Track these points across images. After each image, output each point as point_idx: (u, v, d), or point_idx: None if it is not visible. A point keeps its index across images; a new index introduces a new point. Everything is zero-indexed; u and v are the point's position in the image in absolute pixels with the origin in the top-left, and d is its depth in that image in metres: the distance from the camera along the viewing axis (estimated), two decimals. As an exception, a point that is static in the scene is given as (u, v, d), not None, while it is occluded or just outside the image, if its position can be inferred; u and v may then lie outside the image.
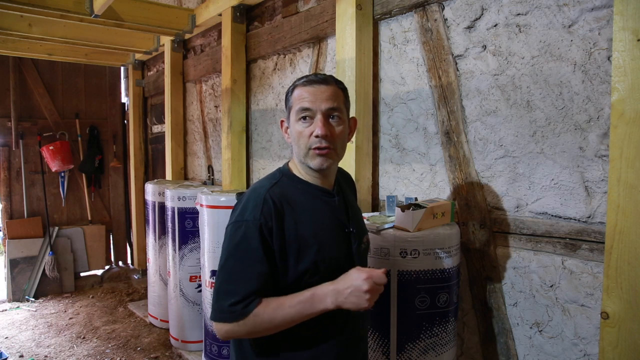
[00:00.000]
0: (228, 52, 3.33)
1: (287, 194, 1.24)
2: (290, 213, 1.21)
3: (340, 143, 1.26)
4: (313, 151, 1.22)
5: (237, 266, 1.17)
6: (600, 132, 1.59)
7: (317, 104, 1.21)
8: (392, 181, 2.36)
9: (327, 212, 1.29)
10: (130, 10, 3.51)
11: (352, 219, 1.35)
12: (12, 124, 5.14)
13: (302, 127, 1.22)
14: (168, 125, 4.43)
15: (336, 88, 1.26)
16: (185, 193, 3.41)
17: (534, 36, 1.75)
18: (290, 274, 1.20)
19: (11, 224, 5.12)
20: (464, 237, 2.00)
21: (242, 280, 1.16)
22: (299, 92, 1.24)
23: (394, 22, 2.29)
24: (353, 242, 1.32)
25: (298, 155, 1.26)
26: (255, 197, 1.22)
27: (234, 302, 1.15)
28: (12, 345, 3.79)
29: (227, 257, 1.19)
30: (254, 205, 1.19)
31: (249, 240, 1.16)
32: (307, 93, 1.22)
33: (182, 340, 3.55)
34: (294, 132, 1.25)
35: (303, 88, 1.23)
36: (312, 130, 1.21)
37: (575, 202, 1.67)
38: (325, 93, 1.22)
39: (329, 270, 1.22)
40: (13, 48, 4.48)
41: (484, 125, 1.94)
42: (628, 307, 1.36)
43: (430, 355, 1.74)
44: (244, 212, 1.20)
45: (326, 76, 1.27)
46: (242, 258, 1.17)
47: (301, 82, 1.25)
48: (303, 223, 1.22)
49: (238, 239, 1.18)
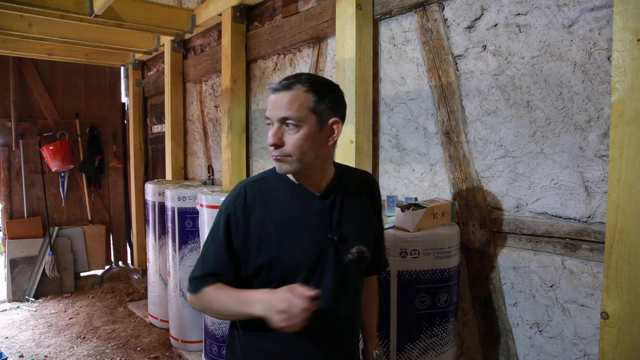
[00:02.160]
0: (228, 52, 3.33)
1: (268, 191, 1.29)
2: (261, 208, 1.26)
3: (297, 150, 1.19)
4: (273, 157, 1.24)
5: (207, 247, 1.30)
6: (600, 132, 1.59)
7: (274, 112, 1.19)
8: (392, 181, 2.36)
9: (305, 215, 1.26)
10: (130, 10, 3.51)
11: (344, 226, 1.28)
12: (12, 124, 5.14)
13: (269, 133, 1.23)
14: (168, 125, 4.43)
15: (299, 92, 1.18)
16: (185, 193, 3.41)
17: (534, 36, 1.75)
18: (249, 266, 1.26)
19: (11, 224, 5.12)
20: (464, 237, 2.00)
21: (206, 261, 1.29)
22: (271, 99, 1.23)
23: (394, 22, 2.29)
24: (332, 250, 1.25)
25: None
26: (234, 189, 1.32)
27: (195, 276, 1.28)
28: (12, 345, 3.79)
29: (206, 239, 1.33)
30: (230, 197, 1.30)
31: (218, 227, 1.28)
32: (271, 101, 1.22)
33: (182, 340, 3.55)
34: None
35: (270, 95, 1.23)
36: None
37: (575, 202, 1.67)
38: (283, 101, 1.18)
39: (286, 274, 1.22)
40: (13, 48, 4.48)
41: (484, 125, 1.94)
42: (628, 307, 1.36)
43: (430, 355, 1.74)
44: (224, 202, 1.31)
45: (292, 81, 1.20)
46: (211, 242, 1.29)
47: (270, 88, 1.23)
48: (271, 220, 1.24)
49: (213, 225, 1.31)
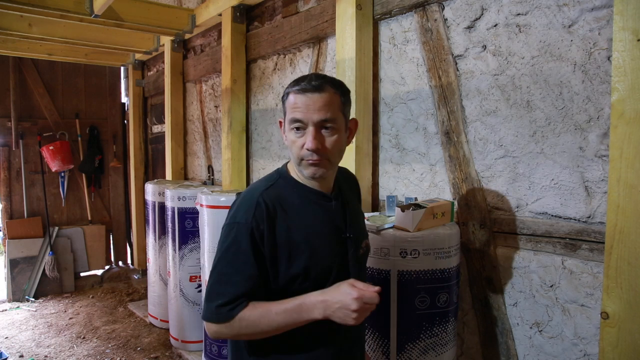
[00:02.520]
0: (228, 52, 3.33)
1: (282, 197, 1.23)
2: (283, 217, 1.20)
3: (335, 152, 1.22)
4: (305, 162, 1.20)
5: (227, 268, 1.18)
6: (600, 132, 1.59)
7: (309, 115, 1.16)
8: (392, 181, 2.36)
9: (322, 216, 1.27)
10: (130, 10, 3.51)
11: (351, 224, 1.32)
12: (12, 124, 5.14)
13: (295, 136, 1.20)
14: (168, 125, 4.43)
15: (331, 94, 1.19)
16: (185, 193, 3.41)
17: (534, 36, 1.75)
18: (280, 279, 1.20)
19: (11, 224, 5.12)
20: (464, 237, 2.00)
21: (231, 282, 1.16)
22: (292, 100, 1.19)
23: (394, 22, 2.29)
24: (349, 247, 1.30)
25: (293, 161, 1.25)
26: (248, 199, 1.21)
27: (221, 303, 1.16)
28: (12, 345, 3.79)
29: (219, 259, 1.20)
30: (246, 208, 1.19)
31: (239, 243, 1.16)
32: (300, 103, 1.17)
33: (182, 340, 3.55)
34: (288, 139, 1.23)
35: (296, 96, 1.18)
36: (303, 142, 1.18)
37: (575, 202, 1.67)
38: (317, 103, 1.16)
39: (320, 277, 1.22)
40: (13, 48, 4.48)
41: (484, 125, 1.94)
42: (628, 307, 1.36)
43: (430, 355, 1.74)
44: (237, 214, 1.20)
45: (321, 82, 1.19)
46: (232, 260, 1.17)
47: (294, 89, 1.19)
48: (296, 227, 1.21)
49: (230, 241, 1.18)
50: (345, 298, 1.10)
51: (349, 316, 1.10)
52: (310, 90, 1.17)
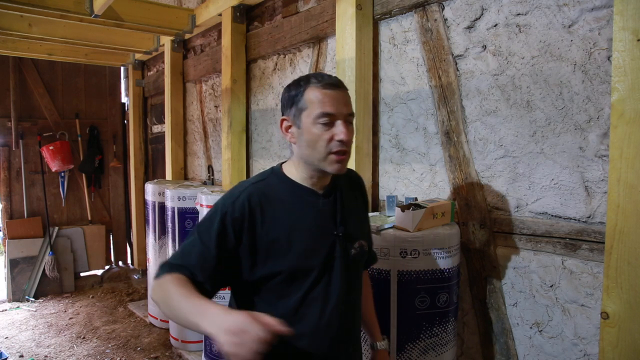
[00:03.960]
0: (228, 52, 3.33)
1: (269, 192, 1.24)
2: (267, 211, 1.21)
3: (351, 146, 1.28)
4: (333, 156, 1.20)
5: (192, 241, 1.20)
6: (600, 132, 1.59)
7: (339, 108, 1.20)
8: (392, 181, 2.36)
9: (312, 214, 1.26)
10: (130, 10, 3.51)
11: (345, 222, 1.30)
12: (12, 124, 5.14)
13: (322, 130, 1.19)
14: (168, 125, 4.43)
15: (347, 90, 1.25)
16: (185, 193, 3.41)
17: (534, 36, 1.75)
18: (257, 271, 1.20)
19: (11, 224, 5.12)
20: (464, 237, 2.00)
21: (186, 253, 1.19)
22: (317, 95, 1.19)
23: (394, 22, 2.29)
24: (338, 247, 1.27)
25: (310, 158, 1.23)
26: (235, 189, 1.25)
27: (167, 262, 1.19)
28: (12, 345, 3.79)
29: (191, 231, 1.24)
30: (230, 195, 1.23)
31: (211, 224, 1.19)
32: (328, 97, 1.19)
33: (182, 340, 3.55)
34: (308, 135, 1.20)
35: (322, 91, 1.19)
36: (332, 134, 1.19)
37: (575, 202, 1.67)
38: (344, 98, 1.22)
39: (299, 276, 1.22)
40: (13, 48, 4.48)
41: (484, 125, 1.94)
42: (628, 307, 1.36)
43: (430, 355, 1.74)
44: (221, 201, 1.24)
45: (338, 79, 1.24)
46: (199, 236, 1.19)
47: (319, 85, 1.20)
48: (280, 223, 1.21)
49: (204, 220, 1.23)
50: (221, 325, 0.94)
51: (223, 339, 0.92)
52: (336, 86, 1.21)
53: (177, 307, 1.06)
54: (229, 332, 0.92)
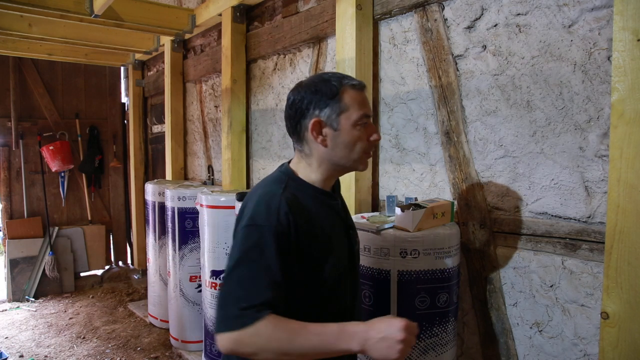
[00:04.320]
0: (228, 52, 3.33)
1: (298, 200, 1.17)
2: (305, 220, 1.15)
3: None
4: (365, 155, 1.23)
5: (249, 273, 1.06)
6: (600, 132, 1.59)
7: (370, 110, 1.25)
8: (392, 181, 2.36)
9: (333, 216, 1.27)
10: (130, 10, 3.51)
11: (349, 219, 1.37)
12: (12, 124, 5.14)
13: (361, 132, 1.20)
14: (168, 125, 4.43)
15: None
16: (185, 193, 3.41)
17: (534, 36, 1.75)
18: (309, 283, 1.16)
19: (11, 224, 5.12)
20: (464, 237, 2.00)
21: (254, 288, 1.04)
22: (355, 96, 1.19)
23: (394, 22, 2.29)
24: (354, 243, 1.33)
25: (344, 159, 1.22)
26: (268, 201, 1.13)
27: (245, 306, 1.02)
28: (12, 345, 3.79)
29: (237, 262, 1.08)
30: (268, 210, 1.11)
31: (263, 247, 1.07)
32: (365, 100, 1.22)
33: (182, 340, 3.55)
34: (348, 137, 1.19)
35: (359, 93, 1.21)
36: (368, 135, 1.22)
37: (575, 202, 1.67)
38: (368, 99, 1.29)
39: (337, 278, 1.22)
40: (13, 48, 4.48)
41: (484, 125, 1.94)
42: (628, 307, 1.36)
43: (430, 355, 1.74)
44: (257, 217, 1.11)
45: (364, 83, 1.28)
46: (255, 265, 1.06)
47: (354, 86, 1.21)
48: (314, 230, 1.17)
49: (251, 244, 1.08)
50: (390, 328, 1.02)
51: (393, 348, 1.00)
52: (365, 87, 1.25)
53: (302, 346, 1.01)
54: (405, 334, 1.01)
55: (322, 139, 1.20)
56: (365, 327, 1.03)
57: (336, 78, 1.21)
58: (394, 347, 1.00)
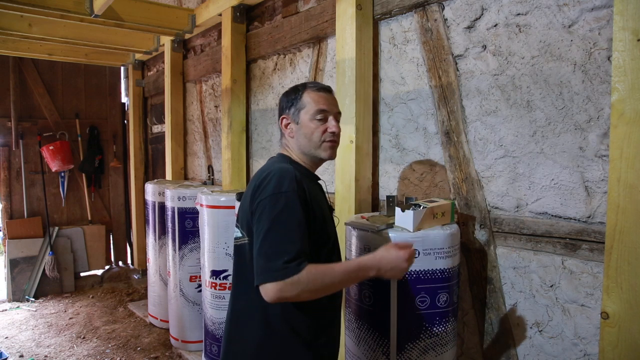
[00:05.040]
0: (228, 52, 3.33)
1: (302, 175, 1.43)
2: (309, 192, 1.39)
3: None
4: (326, 144, 1.49)
5: (283, 231, 1.28)
6: (600, 132, 1.59)
7: (331, 107, 1.51)
8: (392, 181, 2.36)
9: (321, 193, 1.56)
10: (130, 10, 3.51)
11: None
12: (12, 124, 5.14)
13: (317, 124, 1.48)
14: (168, 125, 4.43)
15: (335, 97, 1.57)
16: (185, 193, 3.41)
17: (534, 36, 1.75)
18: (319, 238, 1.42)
19: (11, 224, 5.12)
20: (464, 237, 2.00)
21: (290, 242, 1.26)
22: (313, 96, 1.49)
23: (394, 22, 2.29)
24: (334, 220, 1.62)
25: (306, 148, 1.50)
26: (285, 173, 1.36)
27: (287, 259, 1.23)
28: (12, 345, 3.79)
29: (270, 225, 1.29)
30: (289, 180, 1.34)
31: (291, 208, 1.30)
32: (322, 98, 1.50)
33: (182, 340, 3.55)
34: (306, 128, 1.48)
35: (317, 93, 1.50)
36: (325, 127, 1.48)
37: (575, 202, 1.67)
38: (334, 100, 1.55)
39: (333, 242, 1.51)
40: (13, 48, 4.48)
41: (484, 125, 1.94)
42: (628, 307, 1.36)
43: (430, 355, 1.74)
44: (281, 186, 1.32)
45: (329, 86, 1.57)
46: (287, 223, 1.28)
47: (314, 88, 1.51)
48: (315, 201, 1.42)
49: (280, 207, 1.30)
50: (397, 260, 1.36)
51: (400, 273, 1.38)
52: (327, 91, 1.54)
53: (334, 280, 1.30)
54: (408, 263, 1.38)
55: (290, 132, 1.53)
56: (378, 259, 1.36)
57: (303, 84, 1.54)
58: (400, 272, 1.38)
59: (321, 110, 1.47)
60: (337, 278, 1.30)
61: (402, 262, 1.36)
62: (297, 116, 1.49)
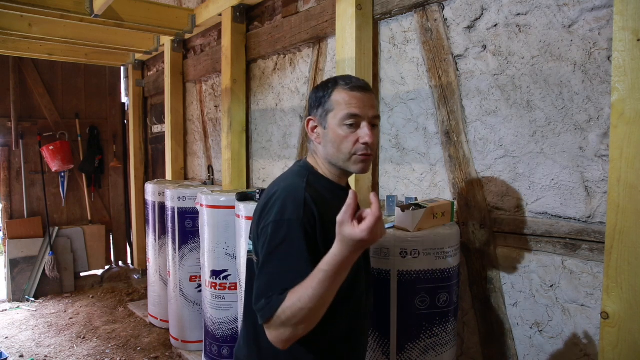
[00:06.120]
0: (228, 52, 3.33)
1: (318, 194, 1.22)
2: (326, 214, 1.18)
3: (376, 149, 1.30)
4: (357, 157, 1.24)
5: (279, 267, 1.12)
6: (600, 132, 1.59)
7: (364, 111, 1.23)
8: (392, 181, 2.36)
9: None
10: (130, 10, 3.51)
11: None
12: (12, 124, 5.14)
13: (347, 132, 1.22)
14: (168, 125, 4.43)
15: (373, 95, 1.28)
16: (185, 193, 3.41)
17: (534, 36, 1.75)
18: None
19: (11, 224, 5.12)
20: (464, 237, 2.00)
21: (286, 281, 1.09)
22: (344, 96, 1.23)
23: (394, 22, 2.29)
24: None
25: (334, 158, 1.26)
26: (293, 196, 1.18)
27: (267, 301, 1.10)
28: (12, 345, 3.79)
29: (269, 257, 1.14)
30: (294, 205, 1.16)
31: (293, 240, 1.12)
32: (355, 99, 1.23)
33: (182, 340, 3.55)
34: (334, 136, 1.24)
35: (350, 93, 1.23)
36: (357, 137, 1.22)
37: (575, 202, 1.67)
38: (370, 100, 1.25)
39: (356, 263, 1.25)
40: (13, 48, 4.48)
41: (484, 125, 1.94)
42: (628, 307, 1.36)
43: (430, 355, 1.74)
44: (284, 211, 1.15)
45: (365, 82, 1.28)
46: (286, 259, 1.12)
47: (346, 87, 1.24)
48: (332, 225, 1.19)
49: (280, 239, 1.13)
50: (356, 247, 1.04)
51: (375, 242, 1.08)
52: (363, 89, 1.24)
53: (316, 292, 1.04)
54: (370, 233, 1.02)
55: (317, 137, 1.29)
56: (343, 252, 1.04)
57: (334, 79, 1.27)
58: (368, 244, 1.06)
59: (352, 115, 1.21)
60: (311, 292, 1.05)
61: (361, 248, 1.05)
62: (325, 119, 1.25)
